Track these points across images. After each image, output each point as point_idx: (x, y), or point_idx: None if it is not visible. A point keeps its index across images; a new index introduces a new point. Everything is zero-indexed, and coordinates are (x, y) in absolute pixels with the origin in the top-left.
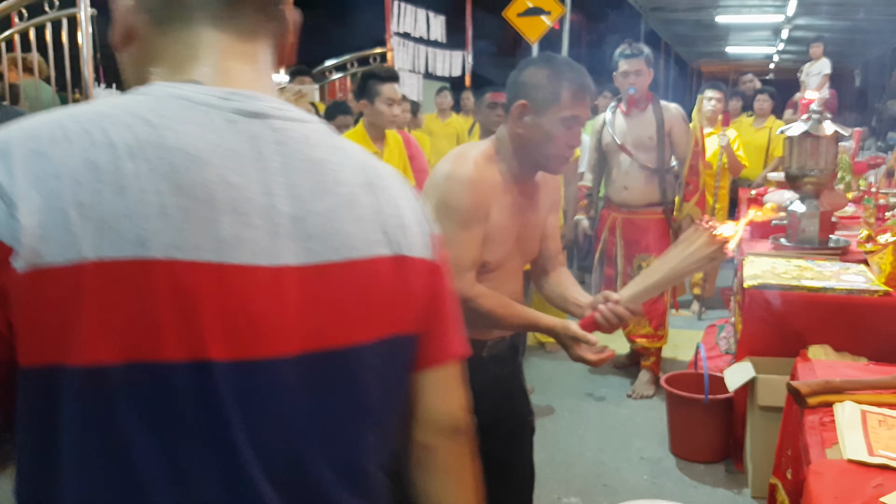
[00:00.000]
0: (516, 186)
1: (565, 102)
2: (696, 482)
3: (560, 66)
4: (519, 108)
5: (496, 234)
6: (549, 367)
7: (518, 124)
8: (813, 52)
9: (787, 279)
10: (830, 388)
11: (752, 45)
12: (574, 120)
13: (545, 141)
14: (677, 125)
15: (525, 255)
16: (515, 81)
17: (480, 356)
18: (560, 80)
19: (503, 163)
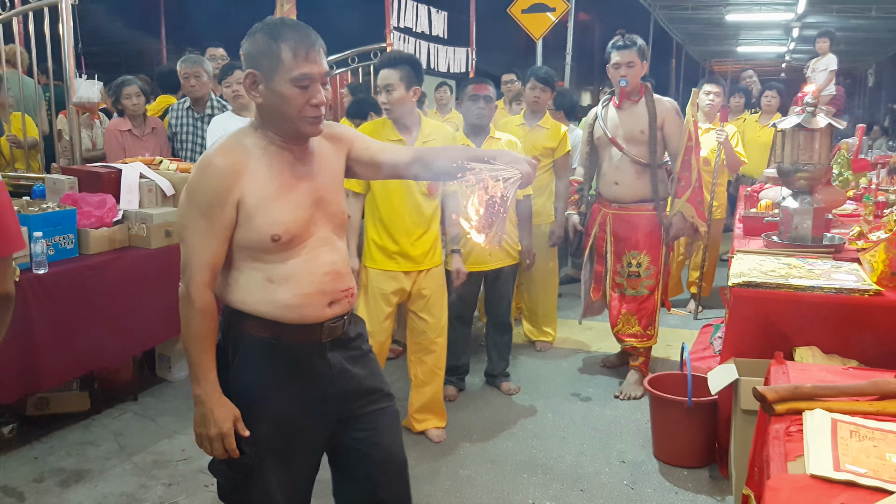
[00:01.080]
0: (287, 155)
1: (289, 63)
2: (677, 488)
3: (277, 28)
4: (249, 78)
5: (272, 204)
6: (535, 366)
7: (254, 95)
8: (819, 47)
9: (773, 277)
10: (800, 395)
11: (763, 43)
12: (305, 77)
13: (283, 105)
14: (670, 119)
15: (332, 218)
16: (242, 53)
17: (319, 342)
18: (279, 41)
19: (261, 137)
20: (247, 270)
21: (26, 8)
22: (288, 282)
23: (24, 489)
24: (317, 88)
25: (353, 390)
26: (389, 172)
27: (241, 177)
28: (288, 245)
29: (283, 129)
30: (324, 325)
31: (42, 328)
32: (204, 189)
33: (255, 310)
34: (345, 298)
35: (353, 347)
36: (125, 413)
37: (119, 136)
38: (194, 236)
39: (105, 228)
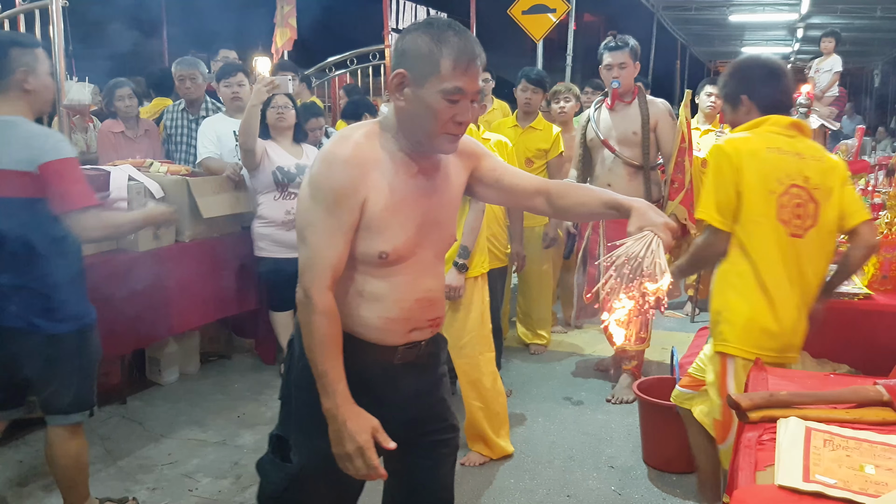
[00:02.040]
0: (412, 166)
1: (446, 72)
2: (665, 493)
3: (442, 32)
4: (397, 78)
5: (389, 219)
6: (528, 370)
7: (397, 96)
8: (824, 47)
9: None
10: (775, 402)
11: (767, 44)
12: (458, 92)
13: (427, 115)
14: (663, 120)
15: (438, 243)
16: (395, 49)
17: (391, 363)
18: (441, 47)
19: (391, 141)
20: (342, 278)
21: (17, 10)
22: (377, 301)
23: (7, 493)
24: (466, 105)
25: (421, 416)
26: (509, 199)
27: (369, 174)
28: (391, 263)
29: (416, 139)
30: (398, 349)
31: None
32: (331, 183)
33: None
34: (429, 327)
35: (428, 371)
36: (112, 416)
37: (112, 138)
38: (318, 235)
39: None
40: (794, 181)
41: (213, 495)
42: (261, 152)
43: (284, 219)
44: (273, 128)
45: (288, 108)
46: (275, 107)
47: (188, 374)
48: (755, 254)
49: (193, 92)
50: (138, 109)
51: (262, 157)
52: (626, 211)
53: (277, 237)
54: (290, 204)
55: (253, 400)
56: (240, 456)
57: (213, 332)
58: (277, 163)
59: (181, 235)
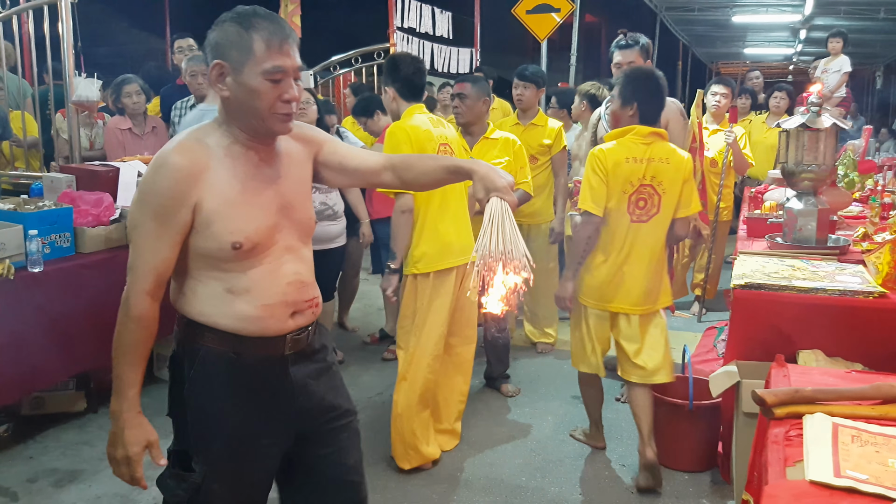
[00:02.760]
0: (252, 155)
1: (261, 54)
2: (678, 492)
3: (248, 18)
4: (216, 69)
5: (234, 210)
6: (536, 369)
7: (221, 87)
8: (832, 48)
9: (777, 279)
10: (800, 398)
11: (770, 45)
12: (278, 70)
13: (253, 99)
14: (674, 120)
15: (298, 226)
16: (208, 44)
17: (282, 356)
18: (250, 31)
19: (225, 135)
20: (205, 280)
21: (26, 6)
22: (249, 293)
23: (17, 489)
24: (289, 83)
25: (316, 406)
26: (357, 179)
27: (199, 178)
28: (249, 254)
29: (250, 126)
30: (286, 338)
31: (38, 327)
32: (158, 189)
33: (213, 322)
34: (308, 309)
35: (318, 360)
36: None
37: (119, 135)
38: (143, 239)
39: (101, 227)
40: (643, 182)
41: None
42: None
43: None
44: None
45: (310, 103)
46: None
47: None
48: (606, 234)
49: (205, 88)
50: (146, 106)
51: None
52: (466, 174)
53: None
54: (315, 197)
55: None
56: None
57: None
58: None
59: None
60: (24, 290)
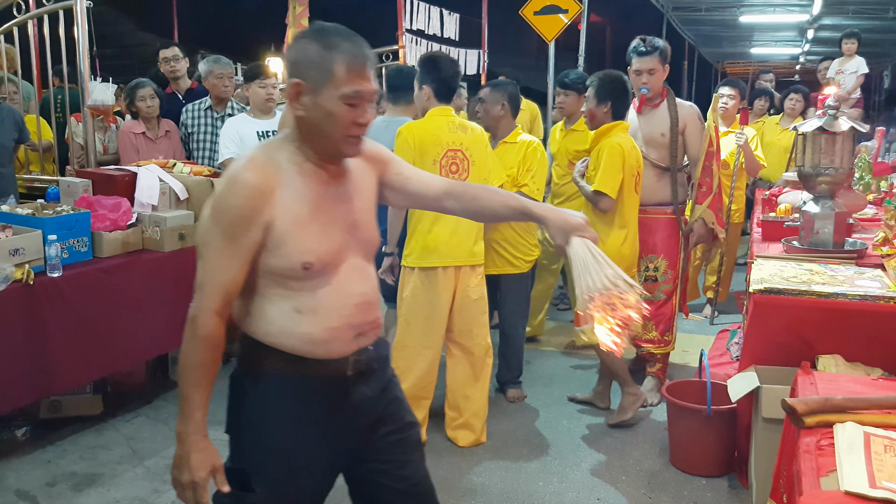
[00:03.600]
0: (322, 174)
1: (341, 78)
2: (696, 497)
3: (331, 38)
4: (293, 88)
5: (305, 230)
6: (551, 372)
7: (296, 106)
8: (846, 49)
9: (796, 284)
10: (830, 407)
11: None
12: (355, 96)
13: (328, 121)
14: (692, 124)
15: (363, 245)
16: (287, 60)
17: (344, 377)
18: (332, 52)
19: (296, 153)
20: (273, 298)
21: (41, 11)
22: (316, 313)
23: (36, 493)
24: (365, 107)
25: (376, 422)
26: (417, 203)
27: (272, 197)
28: (319, 273)
29: (321, 146)
30: (349, 359)
31: (56, 331)
32: (230, 207)
33: (279, 343)
34: (372, 331)
35: (378, 375)
36: (138, 417)
37: (133, 139)
38: (213, 257)
39: (119, 231)
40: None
41: None
42: None
43: None
44: None
45: None
46: None
47: None
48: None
49: (230, 90)
50: (160, 110)
51: None
52: (537, 219)
53: None
54: None
55: None
56: None
57: (233, 332)
58: None
59: None
60: (43, 295)
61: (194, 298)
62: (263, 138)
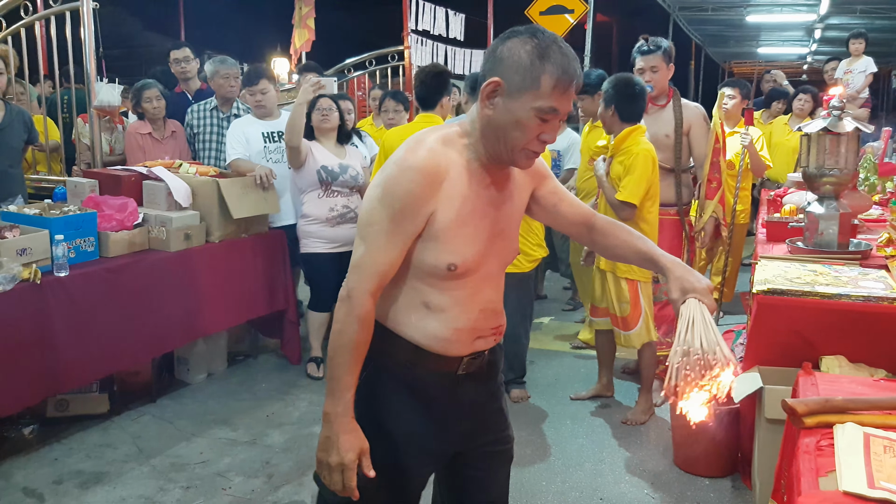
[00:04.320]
0: (486, 176)
1: (545, 90)
2: (699, 498)
3: (548, 47)
4: (491, 85)
5: (459, 230)
6: (555, 371)
7: (487, 104)
8: (853, 49)
9: (799, 285)
10: (830, 408)
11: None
12: (551, 112)
13: (514, 129)
14: (697, 124)
15: (502, 255)
16: (493, 53)
17: (455, 374)
18: (544, 63)
19: (469, 148)
20: (406, 287)
21: (48, 12)
22: (444, 312)
23: (43, 490)
24: (555, 125)
25: (478, 428)
26: (558, 224)
27: (440, 187)
28: (458, 276)
29: (497, 151)
30: (463, 359)
31: (62, 330)
32: (402, 191)
33: (400, 330)
34: (492, 336)
35: (488, 382)
36: (143, 416)
37: (139, 139)
38: (376, 238)
39: (125, 231)
40: None
41: (247, 494)
42: (305, 151)
43: (328, 215)
44: (317, 129)
45: (332, 110)
46: (319, 109)
47: (216, 374)
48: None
49: (236, 91)
50: (167, 110)
51: (307, 156)
52: (661, 269)
53: (322, 233)
54: (333, 201)
55: (280, 400)
56: (270, 455)
57: (239, 332)
58: (322, 162)
59: (211, 236)
60: (50, 294)
61: (349, 278)
62: (269, 139)
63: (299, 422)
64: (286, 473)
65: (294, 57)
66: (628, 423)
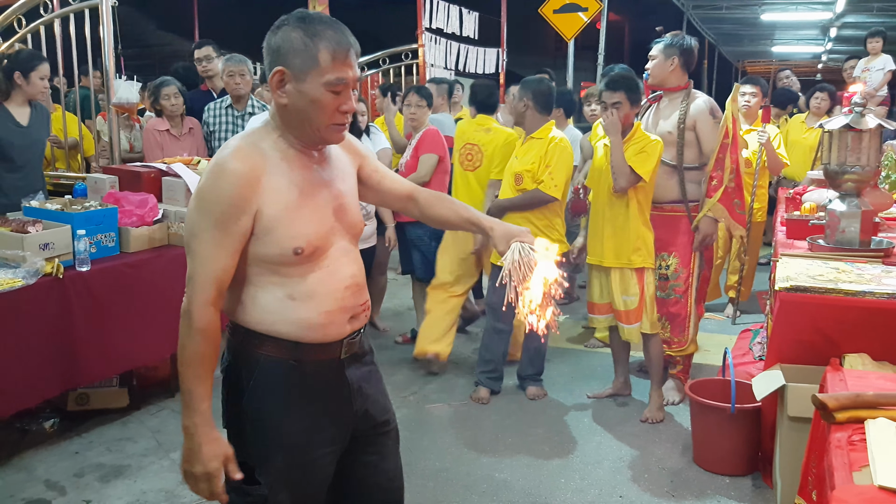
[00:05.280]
0: (305, 159)
1: (326, 65)
2: (719, 496)
3: (314, 25)
4: (276, 75)
5: (294, 215)
6: (572, 369)
7: (279, 94)
8: (871, 48)
9: (822, 282)
10: (861, 403)
11: (798, 44)
12: (340, 83)
13: (313, 108)
14: (702, 120)
15: (350, 228)
16: (269, 46)
17: (338, 359)
18: (316, 40)
19: (279, 140)
20: (265, 286)
21: (67, 10)
22: (311, 299)
23: (65, 483)
24: (348, 94)
25: (369, 409)
26: (384, 200)
27: (258, 184)
28: (310, 258)
29: (305, 133)
30: (343, 342)
31: (83, 324)
32: (218, 196)
33: (274, 330)
34: (363, 312)
35: (367, 362)
36: (162, 410)
37: (157, 136)
38: (203, 247)
39: (145, 227)
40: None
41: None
42: None
43: None
44: None
45: None
46: None
47: None
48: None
49: (242, 88)
50: (183, 108)
51: None
52: (484, 230)
53: None
54: None
55: None
56: None
57: None
58: None
59: None
60: (71, 288)
61: (186, 292)
62: None
63: None
64: None
65: None
66: (647, 422)
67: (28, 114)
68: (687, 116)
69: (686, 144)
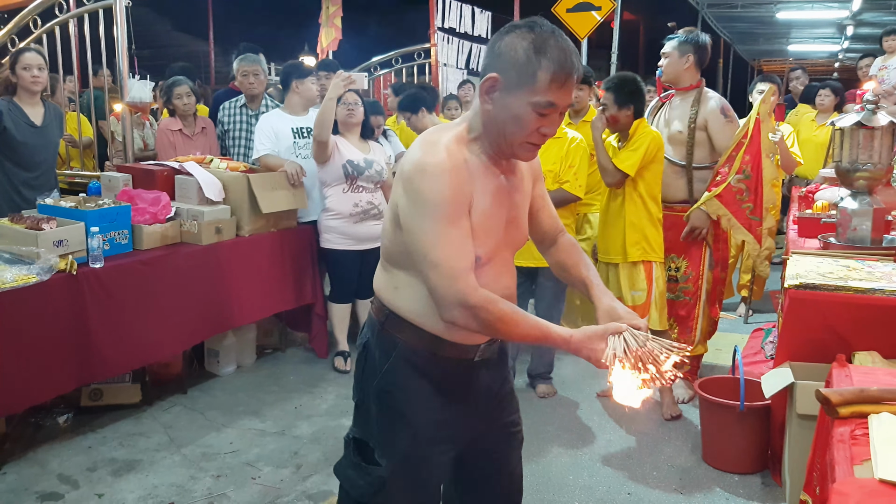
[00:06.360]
0: (496, 166)
1: (542, 86)
2: (728, 494)
3: (545, 40)
4: (489, 81)
5: (483, 223)
6: (581, 367)
7: (486, 99)
8: (888, 46)
9: (832, 279)
10: (865, 398)
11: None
12: (549, 107)
13: (513, 124)
14: (712, 119)
15: (514, 243)
16: (492, 48)
17: (472, 361)
18: (541, 58)
19: (478, 143)
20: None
21: (81, 10)
22: None
23: (78, 477)
24: (555, 119)
25: (494, 412)
26: (532, 227)
27: (468, 179)
28: (479, 266)
29: (497, 145)
30: (479, 347)
31: (97, 321)
32: (442, 194)
33: (420, 321)
34: None
35: (500, 367)
36: (174, 406)
37: (170, 136)
38: (448, 249)
39: (158, 225)
40: None
41: (276, 483)
42: (331, 146)
43: (352, 211)
44: (342, 124)
45: (358, 105)
46: (345, 104)
47: (245, 367)
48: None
49: (256, 87)
50: (196, 107)
51: (333, 151)
52: (592, 298)
53: (344, 229)
54: (357, 197)
55: (308, 392)
56: (299, 446)
57: (268, 326)
58: (347, 156)
59: (241, 230)
60: (85, 285)
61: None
62: (298, 135)
63: (327, 414)
64: (314, 464)
65: (321, 56)
66: (669, 420)
67: (42, 114)
68: (698, 116)
69: (697, 144)
